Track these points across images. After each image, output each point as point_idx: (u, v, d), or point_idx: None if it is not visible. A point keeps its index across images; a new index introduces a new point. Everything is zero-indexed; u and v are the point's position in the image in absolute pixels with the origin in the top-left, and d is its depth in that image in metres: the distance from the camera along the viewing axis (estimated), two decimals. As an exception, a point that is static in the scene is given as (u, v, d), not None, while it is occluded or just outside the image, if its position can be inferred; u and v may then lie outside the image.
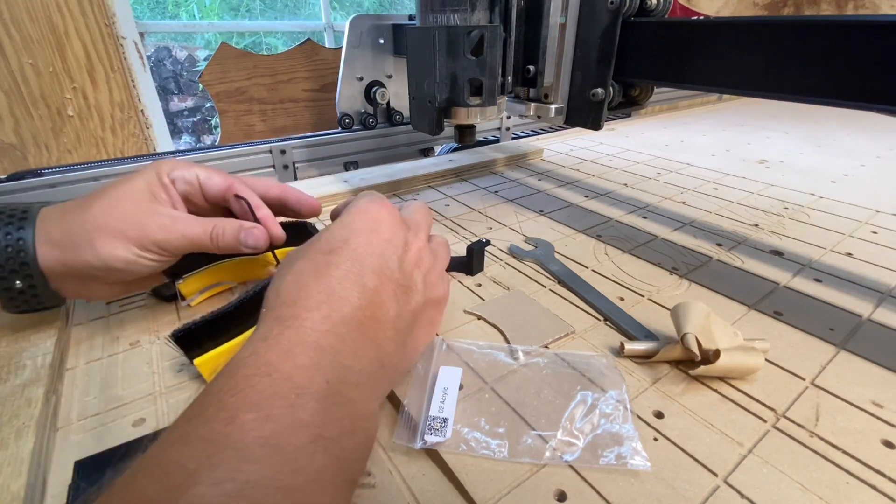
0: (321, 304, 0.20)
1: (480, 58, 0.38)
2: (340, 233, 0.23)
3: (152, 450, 0.15)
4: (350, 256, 0.22)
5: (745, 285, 0.37)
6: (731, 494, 0.21)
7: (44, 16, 0.69)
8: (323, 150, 0.66)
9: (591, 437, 0.23)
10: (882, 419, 0.24)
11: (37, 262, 0.26)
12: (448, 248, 0.31)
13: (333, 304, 0.20)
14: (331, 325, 0.20)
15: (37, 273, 0.26)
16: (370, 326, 0.21)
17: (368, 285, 0.22)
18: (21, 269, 0.26)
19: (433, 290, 0.26)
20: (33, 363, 0.27)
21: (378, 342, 0.22)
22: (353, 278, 0.22)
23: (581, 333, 0.31)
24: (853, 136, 0.83)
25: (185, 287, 0.34)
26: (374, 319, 0.22)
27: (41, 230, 0.26)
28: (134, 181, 0.28)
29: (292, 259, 0.23)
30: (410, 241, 0.25)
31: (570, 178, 0.63)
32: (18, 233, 0.25)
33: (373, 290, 0.22)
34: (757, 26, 0.30)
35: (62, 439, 0.24)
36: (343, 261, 0.22)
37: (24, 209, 0.27)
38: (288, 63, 0.95)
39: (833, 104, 0.28)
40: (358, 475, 0.19)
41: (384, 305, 0.22)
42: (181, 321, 0.33)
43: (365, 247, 0.23)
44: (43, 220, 0.26)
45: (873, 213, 0.51)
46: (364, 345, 0.21)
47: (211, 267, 0.34)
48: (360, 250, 0.23)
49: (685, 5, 1.23)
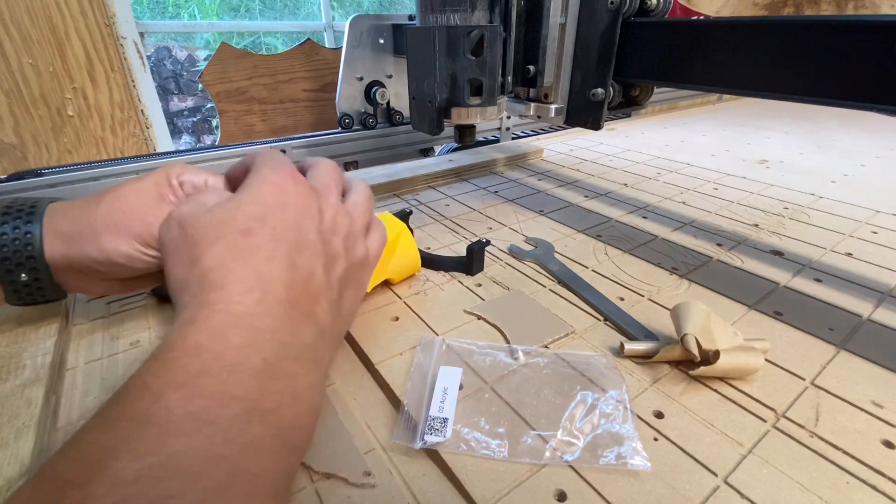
0: (253, 288, 0.20)
1: (480, 58, 0.38)
2: (252, 209, 0.22)
3: (74, 435, 0.15)
4: (270, 235, 0.22)
5: (745, 285, 0.37)
6: (730, 494, 0.21)
7: (44, 16, 0.69)
8: (323, 150, 0.66)
9: (591, 437, 0.23)
10: (882, 419, 0.24)
11: (43, 255, 0.26)
12: (366, 200, 0.29)
13: (265, 286, 0.20)
14: (265, 307, 0.20)
15: (42, 267, 0.26)
16: (304, 302, 0.21)
17: (296, 263, 0.22)
18: (27, 263, 0.26)
19: (353, 254, 0.26)
20: (33, 363, 0.27)
21: (314, 316, 0.22)
22: (279, 258, 0.21)
23: (581, 333, 0.31)
24: (853, 136, 0.83)
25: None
26: (307, 295, 0.22)
27: (48, 224, 0.26)
28: (142, 181, 0.28)
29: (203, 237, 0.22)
30: (323, 208, 0.25)
31: (570, 178, 0.63)
32: (26, 227, 0.26)
33: (301, 267, 0.22)
34: (757, 26, 0.30)
35: (62, 439, 0.24)
36: (264, 241, 0.21)
37: (33, 204, 0.27)
38: (288, 63, 0.95)
39: (833, 104, 0.28)
40: (302, 442, 0.19)
41: (313, 279, 0.22)
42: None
43: (281, 223, 0.22)
44: (50, 215, 0.27)
45: (873, 213, 0.51)
46: (301, 321, 0.21)
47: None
48: (279, 227, 0.22)
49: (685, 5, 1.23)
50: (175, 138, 2.26)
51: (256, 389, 0.17)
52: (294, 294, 0.21)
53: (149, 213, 0.27)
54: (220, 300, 0.19)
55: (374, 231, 0.29)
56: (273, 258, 0.21)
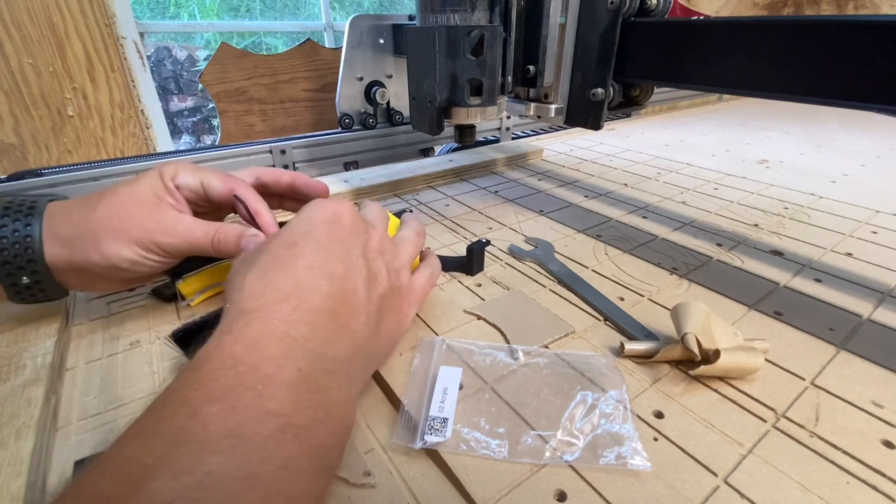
0: (289, 296, 0.20)
1: (480, 58, 0.38)
2: (301, 226, 0.24)
3: (110, 447, 0.15)
4: (314, 247, 0.22)
5: (745, 285, 0.37)
6: (730, 494, 0.21)
7: (44, 16, 0.69)
8: (323, 150, 0.66)
9: (591, 437, 0.23)
10: (882, 419, 0.24)
11: (44, 259, 0.26)
12: (416, 236, 0.30)
13: (302, 295, 0.20)
14: (300, 314, 0.20)
15: (43, 269, 0.26)
16: (342, 313, 0.21)
17: (335, 272, 0.22)
18: (28, 266, 0.26)
19: (397, 278, 0.26)
20: (33, 363, 0.27)
21: (351, 328, 0.22)
22: (319, 267, 0.22)
23: (581, 333, 0.31)
24: (853, 136, 0.83)
25: (186, 287, 0.34)
26: (345, 306, 0.22)
27: (48, 227, 0.26)
28: (138, 183, 0.28)
29: (252, 256, 0.23)
30: (370, 233, 0.26)
31: (570, 178, 0.63)
32: (26, 230, 0.26)
33: (341, 277, 0.22)
34: (757, 26, 0.30)
35: (62, 439, 0.24)
36: (307, 251, 0.22)
37: (31, 204, 0.27)
38: (288, 63, 0.95)
39: (833, 104, 0.28)
40: (334, 462, 0.19)
41: (354, 291, 0.22)
42: (181, 321, 0.33)
43: (328, 237, 0.23)
44: (50, 217, 0.27)
45: (873, 213, 0.51)
46: (337, 332, 0.21)
47: (211, 267, 0.34)
48: (324, 240, 0.23)
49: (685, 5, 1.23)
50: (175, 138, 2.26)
51: (290, 403, 0.17)
52: (331, 304, 0.21)
53: (147, 218, 0.27)
54: (257, 308, 0.19)
55: (425, 268, 0.30)
56: (312, 267, 0.21)
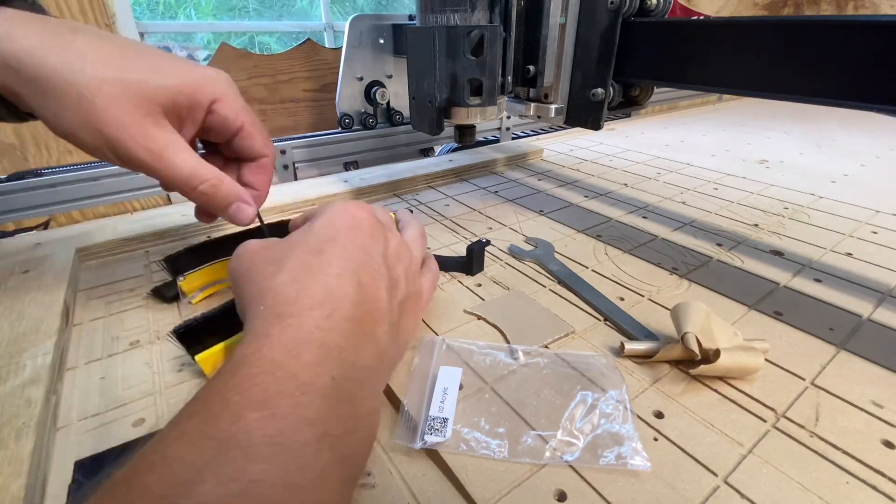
0: (323, 303, 0.20)
1: (480, 58, 0.37)
2: (326, 232, 0.24)
3: (154, 445, 0.15)
4: (341, 255, 0.23)
5: (745, 285, 0.37)
6: (730, 494, 0.21)
7: (44, 16, 0.69)
8: (323, 150, 0.66)
9: (591, 437, 0.23)
10: (882, 419, 0.24)
11: None
12: (420, 238, 0.31)
13: (334, 303, 0.21)
14: (334, 322, 0.20)
15: None
16: (367, 322, 0.22)
17: (363, 281, 0.22)
18: None
19: (414, 283, 0.27)
20: (33, 363, 0.27)
21: (376, 336, 0.22)
22: (348, 275, 0.22)
23: (581, 333, 0.31)
24: (853, 136, 0.83)
25: (187, 284, 0.34)
26: (370, 315, 0.22)
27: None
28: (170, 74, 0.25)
29: (279, 258, 0.23)
30: (388, 237, 0.26)
31: (570, 178, 0.63)
32: None
33: (367, 286, 0.22)
34: (757, 26, 0.30)
35: (62, 439, 0.24)
36: (335, 259, 0.22)
37: None
38: (288, 63, 0.95)
39: (833, 104, 0.28)
40: (359, 472, 0.19)
41: (378, 300, 0.23)
42: (182, 318, 0.33)
43: (352, 244, 0.23)
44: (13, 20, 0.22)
45: (873, 213, 0.51)
46: (364, 340, 0.21)
47: (212, 264, 0.34)
48: (349, 248, 0.23)
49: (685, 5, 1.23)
50: (175, 138, 2.25)
51: (325, 412, 0.17)
52: (360, 312, 0.21)
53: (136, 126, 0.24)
54: (292, 314, 0.20)
55: (429, 270, 0.30)
56: (342, 275, 0.22)
